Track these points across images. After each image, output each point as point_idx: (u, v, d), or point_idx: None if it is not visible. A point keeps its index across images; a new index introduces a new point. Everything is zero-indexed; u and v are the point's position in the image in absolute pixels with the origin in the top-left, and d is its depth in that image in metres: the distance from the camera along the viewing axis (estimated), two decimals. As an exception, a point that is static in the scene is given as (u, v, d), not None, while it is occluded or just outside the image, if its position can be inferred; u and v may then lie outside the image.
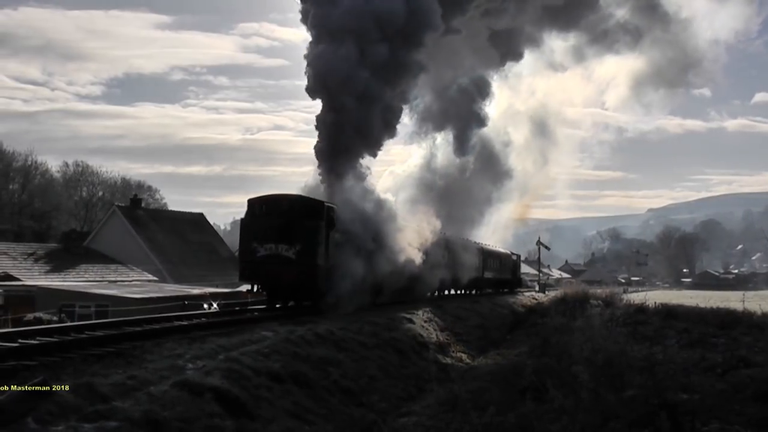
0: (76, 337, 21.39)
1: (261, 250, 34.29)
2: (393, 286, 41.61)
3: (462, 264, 57.29)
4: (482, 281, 65.85)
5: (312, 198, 36.46)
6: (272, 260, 33.92)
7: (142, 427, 13.83)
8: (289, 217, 34.67)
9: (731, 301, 47.57)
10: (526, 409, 20.84)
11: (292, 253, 33.77)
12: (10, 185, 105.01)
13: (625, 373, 22.99)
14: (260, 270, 34.46)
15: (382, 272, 38.93)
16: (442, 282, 53.17)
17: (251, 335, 23.52)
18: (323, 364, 22.65)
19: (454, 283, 58.06)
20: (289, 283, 34.08)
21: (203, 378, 17.38)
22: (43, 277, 58.86)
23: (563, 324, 38.28)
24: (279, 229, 34.24)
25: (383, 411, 21.76)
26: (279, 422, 17.49)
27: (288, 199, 36.28)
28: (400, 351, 28.62)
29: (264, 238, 34.34)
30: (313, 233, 34.24)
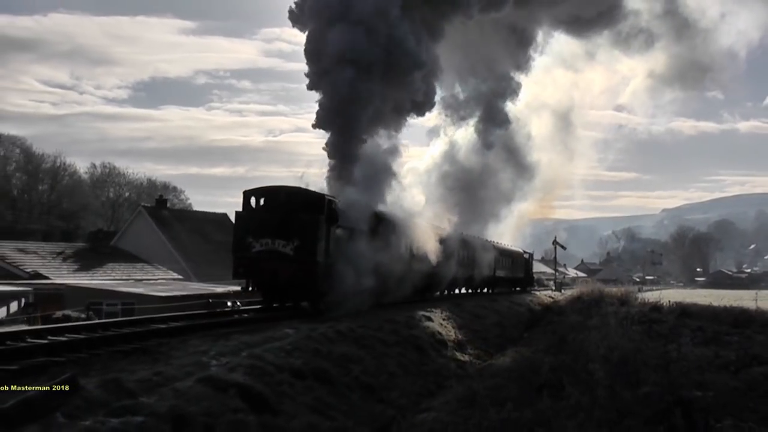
0: (103, 334, 21.49)
1: (256, 245, 31.46)
2: (400, 285, 38.71)
3: (474, 262, 56.09)
4: (495, 280, 64.00)
5: (312, 190, 33.80)
6: (268, 256, 31.27)
7: (167, 422, 13.85)
8: (286, 210, 31.86)
9: (744, 300, 47.40)
10: (543, 405, 20.84)
11: (289, 248, 31.06)
12: (39, 186, 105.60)
13: (640, 370, 22.99)
14: (255, 266, 31.61)
15: (389, 271, 36.13)
16: (453, 280, 51.31)
17: (274, 332, 23.52)
18: (344, 360, 22.64)
19: (465, 282, 56.49)
20: (285, 281, 31.21)
21: (227, 374, 17.41)
22: (71, 275, 59.01)
23: (579, 322, 38.26)
24: (276, 222, 31.47)
25: (403, 407, 21.75)
26: (301, 417, 17.49)
27: (286, 191, 33.33)
28: (419, 348, 28.58)
29: (260, 233, 31.50)
30: (312, 228, 31.43)
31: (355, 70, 37.44)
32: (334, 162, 38.63)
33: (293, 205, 31.99)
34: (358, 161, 38.83)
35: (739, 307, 44.09)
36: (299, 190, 33.32)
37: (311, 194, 32.96)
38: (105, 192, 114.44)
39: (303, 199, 32.40)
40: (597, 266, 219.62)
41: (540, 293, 74.68)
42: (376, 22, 38.22)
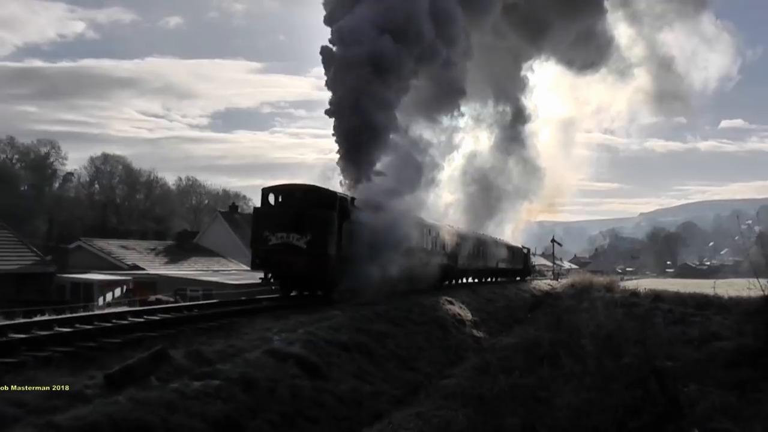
0: (188, 314, 21.59)
1: (272, 239, 29.05)
2: (418, 276, 35.77)
3: (482, 256, 54.09)
4: (499, 271, 61.43)
5: (325, 188, 31.09)
6: (283, 249, 28.77)
7: (239, 385, 13.97)
8: (301, 206, 29.49)
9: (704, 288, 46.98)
10: (543, 373, 20.88)
11: (303, 242, 28.62)
12: (137, 195, 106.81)
13: (622, 344, 22.86)
14: (271, 258, 29.17)
15: (399, 264, 32.23)
16: (464, 271, 49.12)
17: (324, 314, 23.59)
18: (381, 336, 22.71)
19: (475, 273, 53.30)
20: (299, 272, 28.86)
21: (287, 347, 17.50)
22: (162, 267, 59.29)
23: (573, 305, 38.12)
24: (291, 218, 29.02)
25: (429, 374, 21.78)
26: (346, 382, 17.57)
27: (301, 188, 30.78)
28: (443, 327, 28.56)
29: (276, 227, 29.13)
30: (324, 223, 28.98)
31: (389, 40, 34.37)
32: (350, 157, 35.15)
33: (307, 202, 29.75)
34: (379, 157, 35.94)
35: (700, 293, 43.71)
36: (314, 188, 30.84)
37: (325, 192, 30.49)
38: (189, 200, 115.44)
39: (317, 196, 30.05)
40: (587, 260, 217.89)
41: (540, 282, 74.15)
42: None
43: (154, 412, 11.49)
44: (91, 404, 11.37)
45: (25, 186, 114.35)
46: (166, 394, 12.42)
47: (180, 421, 11.69)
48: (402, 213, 33.44)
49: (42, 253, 53.76)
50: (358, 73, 34.43)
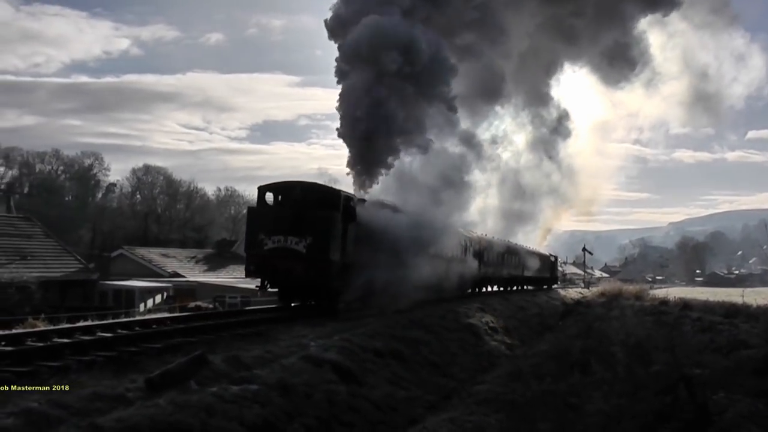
0: (226, 320, 21.65)
1: (268, 243, 25.75)
2: (427, 285, 30.71)
3: (503, 262, 51.10)
4: (522, 279, 58.78)
5: (328, 186, 27.75)
6: (280, 254, 25.53)
7: (276, 389, 13.98)
8: (300, 206, 26.17)
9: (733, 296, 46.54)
10: (574, 380, 20.81)
11: (302, 246, 25.34)
12: (177, 205, 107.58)
13: (651, 352, 22.84)
14: (267, 264, 25.93)
15: (416, 272, 29.42)
16: (482, 279, 44.92)
17: (358, 321, 23.55)
18: (415, 343, 22.65)
19: (495, 281, 50.11)
20: (298, 279, 25.65)
21: (323, 353, 17.49)
22: (201, 274, 59.66)
23: (603, 313, 37.90)
24: (289, 219, 25.76)
25: (462, 380, 21.74)
26: (381, 388, 17.55)
27: (301, 186, 27.24)
28: (475, 333, 28.44)
29: (272, 230, 25.82)
30: (326, 225, 25.73)
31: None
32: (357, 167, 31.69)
33: (308, 202, 26.43)
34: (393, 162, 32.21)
35: (729, 301, 43.30)
36: (315, 186, 27.49)
37: (327, 190, 27.12)
38: (228, 209, 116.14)
39: (318, 195, 26.71)
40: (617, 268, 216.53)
41: (571, 290, 73.71)
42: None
43: (193, 416, 11.52)
44: (132, 407, 11.43)
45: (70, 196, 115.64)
46: (205, 397, 12.46)
47: (218, 424, 11.71)
48: (421, 216, 30.57)
49: (85, 261, 54.17)
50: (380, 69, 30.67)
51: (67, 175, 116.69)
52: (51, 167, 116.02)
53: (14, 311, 34.04)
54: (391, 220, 28.59)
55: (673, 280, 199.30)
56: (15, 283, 39.04)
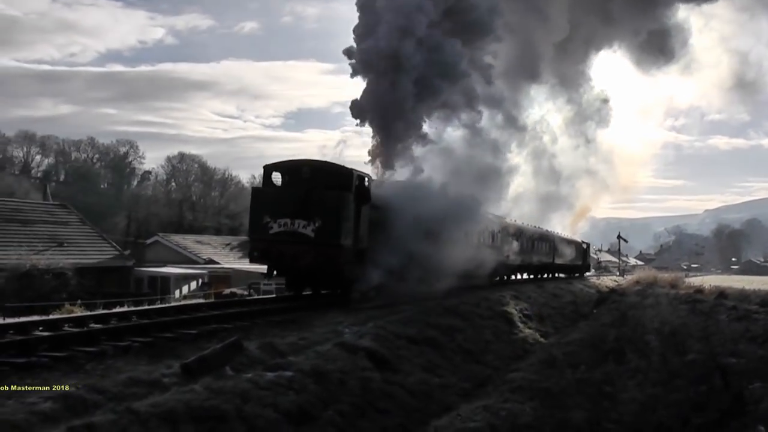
0: (261, 307, 21.68)
1: (274, 226, 23.80)
2: (450, 274, 28.67)
3: (533, 249, 49.26)
4: (553, 267, 57.29)
5: (339, 164, 25.51)
6: (286, 238, 23.60)
7: (310, 376, 14.00)
8: (309, 186, 24.13)
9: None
10: (609, 368, 20.73)
11: (310, 230, 23.38)
12: (212, 193, 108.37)
13: (686, 341, 22.68)
14: (272, 250, 23.97)
15: (438, 260, 27.58)
16: (511, 267, 42.73)
17: (393, 308, 23.50)
18: (449, 330, 22.58)
19: (524, 268, 47.97)
20: (306, 266, 23.71)
21: (357, 340, 17.51)
22: (236, 261, 59.77)
23: (638, 302, 37.52)
24: (296, 200, 23.75)
25: (496, 368, 21.66)
26: (415, 375, 17.53)
27: (310, 165, 25.19)
28: (509, 321, 28.30)
29: (278, 212, 23.82)
30: (336, 207, 23.59)
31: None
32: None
33: (316, 182, 24.40)
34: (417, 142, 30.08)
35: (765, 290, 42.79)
36: (325, 164, 25.43)
37: (338, 169, 24.96)
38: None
39: (328, 174, 24.68)
40: (652, 256, 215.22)
41: (606, 278, 73.21)
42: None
43: (228, 401, 11.57)
44: (168, 392, 11.49)
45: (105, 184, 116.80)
46: (240, 383, 12.50)
47: (253, 410, 11.75)
48: (448, 199, 28.41)
49: (121, 248, 54.64)
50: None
51: (102, 163, 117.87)
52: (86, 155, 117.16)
53: (51, 297, 34.43)
54: (411, 203, 26.61)
55: (708, 268, 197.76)
56: (52, 270, 39.39)
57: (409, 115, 29.41)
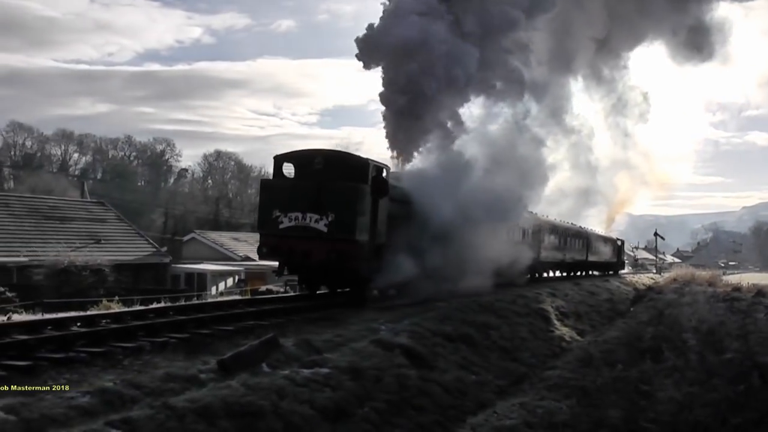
0: (296, 305, 21.69)
1: (284, 221, 22.34)
2: (480, 271, 27.85)
3: (566, 246, 48.70)
4: (587, 264, 56.87)
5: (355, 154, 24.01)
6: (297, 233, 22.15)
7: (346, 373, 13.99)
8: (321, 178, 22.60)
9: (808, 283, 45.49)
10: (646, 367, 20.57)
11: (322, 224, 21.88)
12: (248, 190, 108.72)
13: (724, 339, 22.50)
14: (283, 245, 22.50)
15: (465, 257, 26.50)
16: (542, 264, 42.03)
17: (429, 305, 23.42)
18: (485, 327, 22.49)
19: (556, 266, 47.75)
20: (318, 263, 22.25)
21: (393, 337, 17.49)
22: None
23: (675, 299, 37.27)
24: (308, 193, 22.22)
25: (532, 365, 21.56)
26: (451, 372, 17.49)
27: (324, 155, 23.67)
28: (545, 318, 28.15)
29: (289, 205, 22.33)
30: (351, 199, 22.05)
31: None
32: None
33: (330, 173, 22.81)
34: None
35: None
36: (339, 154, 24.03)
37: (354, 159, 23.53)
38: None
39: (343, 165, 23.17)
40: (689, 254, 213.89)
41: (643, 275, 72.68)
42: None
43: (265, 398, 11.59)
44: (204, 388, 11.54)
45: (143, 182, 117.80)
46: (276, 380, 12.52)
47: (290, 407, 11.76)
48: (483, 194, 27.17)
49: (158, 245, 55.08)
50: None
51: (139, 160, 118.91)
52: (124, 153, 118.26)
53: (88, 293, 34.76)
54: (440, 196, 25.28)
55: (746, 266, 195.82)
56: (89, 266, 39.74)
57: (440, 99, 28.32)
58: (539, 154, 33.07)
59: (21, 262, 40.72)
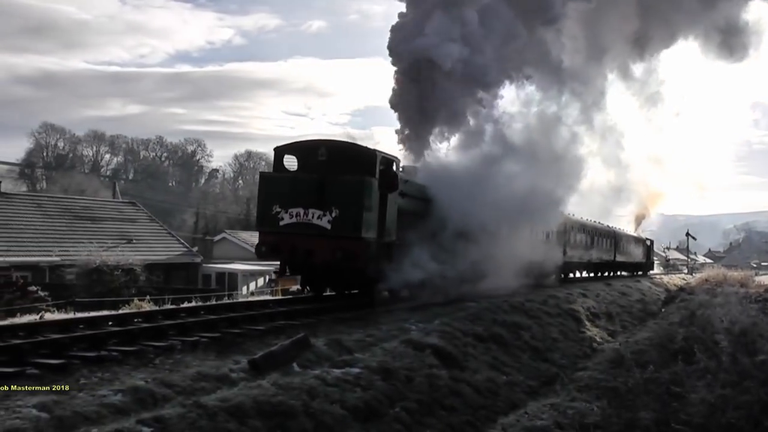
0: (327, 305, 21.68)
1: (285, 217, 20.87)
2: (505, 272, 27.07)
3: (592, 246, 47.37)
4: (614, 264, 55.82)
5: (361, 145, 22.33)
6: (299, 231, 20.70)
7: (377, 373, 13.98)
8: (325, 171, 20.96)
9: (844, 283, 44.98)
10: (677, 368, 20.37)
11: (326, 221, 20.37)
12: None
13: (756, 341, 22.28)
14: (283, 244, 21.02)
15: (487, 257, 25.30)
16: (568, 265, 41.02)
17: (460, 305, 23.38)
18: (516, 328, 22.43)
19: (583, 266, 46.97)
20: (322, 262, 20.82)
21: (424, 337, 17.46)
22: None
23: (707, 300, 37.01)
24: (310, 187, 20.69)
25: (563, 366, 21.46)
26: (482, 372, 17.44)
27: (328, 146, 21.90)
28: (576, 319, 28.03)
29: (290, 201, 20.89)
30: (357, 194, 20.36)
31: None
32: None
33: (334, 165, 21.15)
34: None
35: (839, 289, 41.94)
36: (345, 145, 22.31)
37: (360, 150, 21.83)
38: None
39: (348, 156, 21.49)
40: (721, 254, 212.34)
41: (675, 276, 72.25)
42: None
43: (296, 397, 11.59)
44: (236, 387, 11.57)
45: (174, 182, 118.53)
46: (307, 380, 12.52)
47: (321, 406, 11.75)
48: (511, 192, 25.97)
49: (189, 245, 55.32)
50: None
51: (170, 161, 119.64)
52: (155, 154, 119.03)
53: (120, 293, 35.00)
54: (461, 194, 23.96)
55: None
56: (121, 266, 39.99)
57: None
58: (576, 151, 31.96)
59: (53, 261, 41.08)
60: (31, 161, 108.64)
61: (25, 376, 11.10)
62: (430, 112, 26.52)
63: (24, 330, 14.05)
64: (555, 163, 29.94)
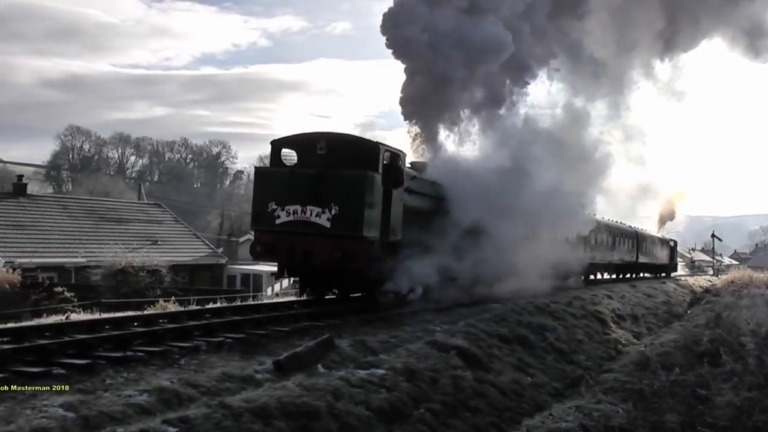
0: (352, 306, 21.67)
1: (281, 215, 19.40)
2: (513, 276, 25.65)
3: (614, 247, 46.31)
4: (637, 266, 54.70)
5: (363, 138, 21.06)
6: (296, 229, 19.33)
7: (402, 374, 13.95)
8: (324, 165, 19.59)
9: None
10: (703, 370, 20.24)
11: (324, 218, 18.98)
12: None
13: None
14: (280, 243, 19.67)
15: (507, 259, 24.36)
16: (589, 266, 38.98)
17: (485, 306, 23.38)
18: (541, 329, 22.37)
19: (604, 267, 45.51)
20: (322, 263, 19.41)
21: (448, 338, 17.43)
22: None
23: (732, 302, 36.79)
24: (308, 183, 19.35)
25: (588, 368, 21.36)
26: (507, 374, 17.38)
27: (328, 138, 20.22)
28: (601, 320, 27.91)
29: (286, 197, 19.45)
30: (358, 190, 19.03)
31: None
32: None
33: (334, 159, 19.74)
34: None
35: None
36: (346, 137, 20.84)
37: (362, 143, 20.50)
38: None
39: (349, 149, 19.99)
40: (747, 255, 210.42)
41: (700, 278, 71.82)
42: None
43: (320, 398, 11.58)
44: (260, 388, 11.58)
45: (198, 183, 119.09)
46: (332, 381, 12.52)
47: (345, 407, 11.74)
48: (534, 192, 25.09)
49: (214, 246, 55.48)
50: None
51: (195, 162, 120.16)
52: (180, 156, 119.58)
53: (145, 293, 35.18)
54: (480, 193, 23.06)
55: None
56: (146, 267, 40.21)
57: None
58: (604, 149, 31.14)
59: (79, 262, 41.36)
60: (57, 163, 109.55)
61: (51, 376, 11.14)
62: (446, 103, 25.58)
63: (50, 330, 14.14)
64: (582, 161, 29.22)
